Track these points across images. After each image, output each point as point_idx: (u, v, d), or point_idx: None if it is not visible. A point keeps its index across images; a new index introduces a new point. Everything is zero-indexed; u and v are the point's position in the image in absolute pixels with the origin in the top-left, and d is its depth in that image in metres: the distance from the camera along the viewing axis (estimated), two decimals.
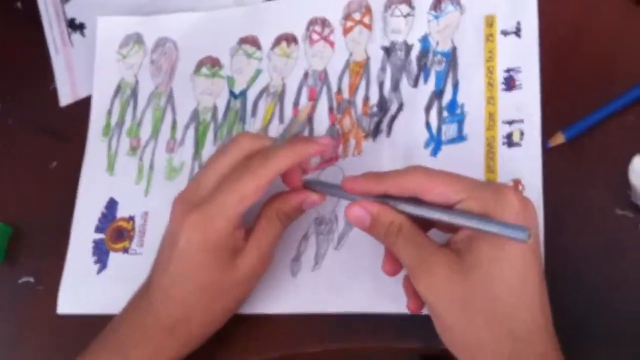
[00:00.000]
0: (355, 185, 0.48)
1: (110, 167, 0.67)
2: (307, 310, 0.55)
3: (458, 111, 0.56)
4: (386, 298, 0.53)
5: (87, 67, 0.72)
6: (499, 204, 0.43)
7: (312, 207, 0.54)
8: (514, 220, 0.43)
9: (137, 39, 0.71)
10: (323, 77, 0.63)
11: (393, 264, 0.50)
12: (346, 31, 0.63)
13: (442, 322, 0.45)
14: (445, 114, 0.57)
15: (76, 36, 0.75)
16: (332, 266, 0.56)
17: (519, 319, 0.43)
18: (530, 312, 0.43)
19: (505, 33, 0.56)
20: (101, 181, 0.67)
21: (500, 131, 0.54)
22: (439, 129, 0.56)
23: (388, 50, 0.61)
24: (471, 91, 0.56)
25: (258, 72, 0.65)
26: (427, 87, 0.58)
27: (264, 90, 0.64)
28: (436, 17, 0.60)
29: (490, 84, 0.56)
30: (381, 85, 0.60)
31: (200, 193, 0.52)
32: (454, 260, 0.44)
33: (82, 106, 0.71)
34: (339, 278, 0.55)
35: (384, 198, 0.48)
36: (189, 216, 0.50)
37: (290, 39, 0.65)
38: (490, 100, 0.55)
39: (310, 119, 0.62)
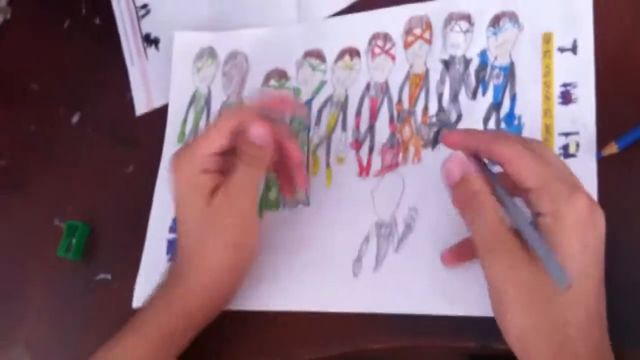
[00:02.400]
0: (453, 134, 0.51)
1: None
2: (367, 310, 0.58)
3: (515, 122, 0.59)
4: (444, 300, 0.55)
5: (160, 79, 0.77)
6: (567, 207, 0.46)
7: (260, 137, 0.57)
8: (577, 226, 0.45)
9: (210, 53, 0.75)
10: (384, 88, 0.66)
11: (456, 257, 0.53)
12: (407, 45, 0.66)
13: (504, 307, 0.47)
14: (503, 125, 0.59)
15: (151, 50, 0.80)
16: (392, 268, 0.59)
17: (575, 311, 0.45)
18: (587, 306, 0.46)
19: (562, 50, 0.59)
20: None
21: (556, 142, 0.57)
22: None
23: (447, 64, 0.64)
24: (528, 104, 0.59)
25: (322, 84, 0.69)
26: (485, 100, 0.61)
27: (328, 100, 0.68)
28: (495, 34, 0.62)
29: (547, 98, 0.58)
30: (440, 96, 0.63)
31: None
32: (523, 247, 0.47)
33: (156, 115, 0.76)
34: (398, 280, 0.58)
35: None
36: (171, 163, 0.59)
37: (353, 52, 0.69)
38: (547, 112, 0.58)
39: (371, 128, 0.65)
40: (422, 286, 0.57)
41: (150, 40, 0.81)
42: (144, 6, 0.83)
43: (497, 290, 0.47)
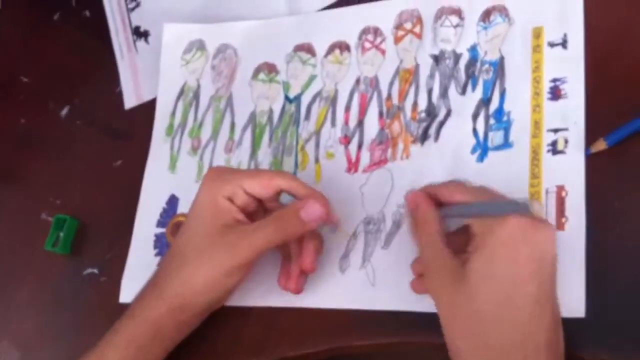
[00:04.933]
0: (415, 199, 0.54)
1: (172, 166, 0.71)
2: (354, 306, 0.58)
3: (504, 118, 0.58)
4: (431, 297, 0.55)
5: (150, 72, 0.76)
6: (498, 224, 0.46)
7: (311, 217, 0.55)
8: (505, 242, 0.46)
9: (199, 46, 0.75)
10: (374, 83, 0.65)
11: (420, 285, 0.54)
12: (397, 40, 0.66)
13: (440, 320, 0.49)
14: (492, 121, 0.59)
15: (141, 43, 0.80)
16: (379, 264, 0.58)
17: (500, 334, 0.45)
18: (517, 329, 0.45)
19: (552, 44, 0.58)
20: (163, 179, 0.71)
21: (545, 139, 0.56)
22: (486, 136, 0.59)
23: (437, 59, 0.63)
24: (518, 100, 0.58)
25: (312, 78, 0.68)
26: (475, 95, 0.60)
27: (317, 95, 0.68)
28: (485, 28, 0.62)
29: (536, 93, 0.58)
30: (430, 92, 0.63)
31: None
32: (457, 269, 0.48)
33: (145, 109, 0.76)
34: (386, 276, 0.58)
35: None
36: (211, 170, 0.60)
37: (343, 46, 0.68)
38: (536, 108, 0.57)
39: (360, 123, 0.64)
40: (409, 283, 0.56)
41: (140, 33, 0.80)
42: None
43: (435, 305, 0.49)
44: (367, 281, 0.58)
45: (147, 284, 0.59)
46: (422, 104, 0.62)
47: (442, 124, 0.61)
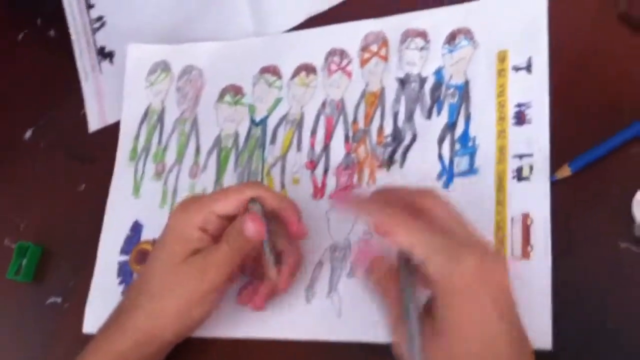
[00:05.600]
0: (342, 201, 0.53)
1: (136, 191, 0.70)
2: (321, 337, 0.57)
3: (470, 144, 0.58)
4: None
5: (114, 94, 0.75)
6: (451, 276, 0.44)
7: (253, 235, 0.55)
8: (465, 297, 0.44)
9: (164, 67, 0.73)
10: (340, 106, 0.64)
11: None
12: (363, 62, 0.65)
13: None
14: (457, 146, 0.58)
15: (105, 64, 0.78)
16: (346, 293, 0.57)
17: None
18: None
19: (516, 68, 0.58)
20: (127, 204, 0.69)
21: (510, 165, 0.55)
22: (451, 161, 0.58)
23: (403, 82, 0.62)
24: (483, 125, 0.58)
25: (278, 101, 0.67)
26: (440, 120, 0.60)
27: (283, 118, 0.67)
28: (450, 51, 0.61)
29: (501, 118, 0.57)
30: (395, 115, 0.62)
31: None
32: (425, 324, 0.46)
33: (110, 132, 0.74)
34: (353, 305, 0.57)
35: None
36: (178, 204, 0.58)
37: (309, 69, 0.67)
38: (501, 134, 0.57)
39: (326, 147, 0.64)
40: (375, 312, 0.55)
41: (104, 54, 0.79)
42: (99, 18, 0.81)
43: None
44: (333, 311, 0.57)
45: (112, 316, 0.58)
46: (388, 128, 0.62)
47: (407, 148, 0.60)
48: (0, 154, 0.80)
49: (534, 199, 0.54)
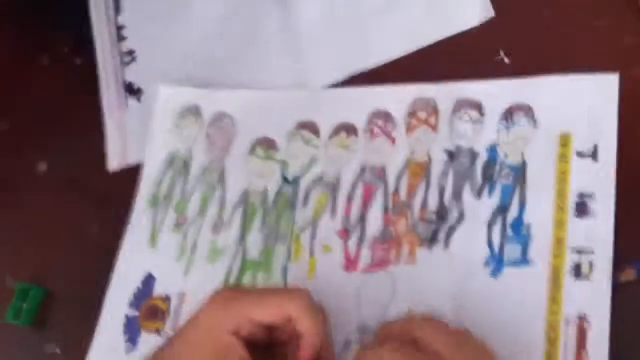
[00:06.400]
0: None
1: (153, 241, 0.65)
2: None
3: (524, 232, 0.53)
4: None
5: (139, 134, 0.71)
6: None
7: None
8: None
9: (195, 111, 0.69)
10: (381, 174, 0.60)
11: None
12: (410, 129, 0.61)
13: None
14: (509, 232, 0.54)
15: (132, 101, 0.74)
16: None
17: None
18: None
19: (580, 155, 0.54)
20: (141, 254, 0.65)
21: (567, 260, 0.51)
22: (501, 248, 0.53)
23: (452, 155, 0.58)
24: (539, 212, 0.53)
25: (313, 160, 0.63)
26: (492, 201, 0.55)
27: (318, 179, 0.62)
28: (507, 128, 0.57)
29: (560, 208, 0.53)
30: (442, 191, 0.57)
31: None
32: None
33: (130, 173, 0.70)
34: None
35: None
36: (217, 293, 0.51)
37: (350, 129, 0.63)
38: (560, 225, 0.52)
39: (363, 217, 0.59)
40: None
41: (132, 90, 0.75)
42: (130, 52, 0.77)
43: None
44: None
45: None
46: (433, 204, 0.57)
47: (453, 228, 0.56)
48: (9, 185, 0.75)
49: (592, 301, 0.49)
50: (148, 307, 0.62)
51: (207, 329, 0.50)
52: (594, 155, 0.53)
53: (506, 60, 0.60)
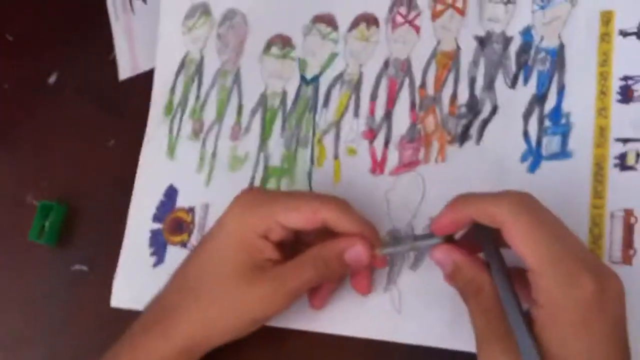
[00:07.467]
0: (440, 220, 0.43)
1: (171, 152, 0.63)
2: (376, 336, 0.50)
3: (563, 121, 0.49)
4: (464, 334, 0.47)
5: (149, 38, 0.67)
6: (565, 300, 0.38)
7: (357, 262, 0.47)
8: (575, 321, 0.38)
9: (204, 10, 0.65)
10: (405, 67, 0.56)
11: None
12: (435, 15, 0.56)
13: None
14: (547, 123, 0.49)
15: (138, 3, 0.70)
16: (407, 289, 0.50)
17: None
18: None
19: (624, 33, 0.48)
20: (161, 166, 0.62)
21: (611, 150, 0.47)
22: (539, 141, 0.49)
23: (482, 41, 0.53)
24: (579, 99, 0.49)
25: (333, 56, 0.59)
26: (527, 90, 0.51)
27: (339, 77, 0.58)
28: (542, 7, 0.52)
29: (602, 93, 0.48)
30: (472, 82, 0.53)
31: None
32: (515, 345, 0.39)
33: (142, 80, 0.67)
34: (415, 303, 0.50)
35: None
36: (241, 194, 0.50)
37: (370, 20, 0.58)
38: (602, 112, 0.48)
39: (388, 115, 0.55)
40: (442, 313, 0.48)
41: None
42: None
43: None
44: (391, 308, 0.50)
45: (151, 311, 0.51)
46: (463, 97, 0.53)
47: (486, 122, 0.51)
48: (22, 99, 0.73)
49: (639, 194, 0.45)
50: (172, 220, 0.60)
51: (237, 235, 0.48)
52: (639, 33, 0.48)
53: None
